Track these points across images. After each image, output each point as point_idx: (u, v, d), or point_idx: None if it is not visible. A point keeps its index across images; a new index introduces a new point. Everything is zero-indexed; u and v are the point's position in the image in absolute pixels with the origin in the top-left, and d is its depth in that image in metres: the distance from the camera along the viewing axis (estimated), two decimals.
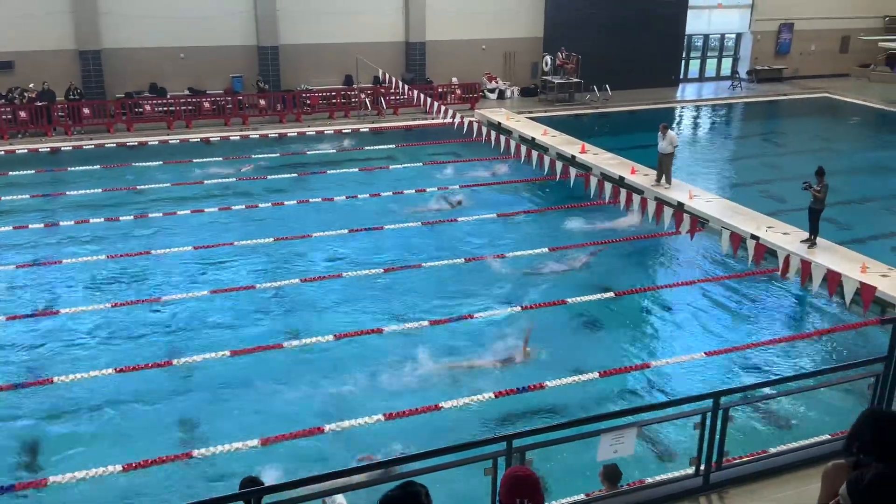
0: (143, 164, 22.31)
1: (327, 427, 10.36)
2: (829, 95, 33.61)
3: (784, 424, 10.65)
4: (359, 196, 19.81)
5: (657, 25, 32.62)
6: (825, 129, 29.09)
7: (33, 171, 21.60)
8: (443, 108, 23.79)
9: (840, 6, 36.64)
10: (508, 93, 31.49)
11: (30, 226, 17.62)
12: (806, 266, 13.13)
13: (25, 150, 23.43)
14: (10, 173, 21.37)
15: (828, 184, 15.60)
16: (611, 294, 14.44)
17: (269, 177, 21.47)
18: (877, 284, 13.31)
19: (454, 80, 29.94)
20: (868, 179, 21.88)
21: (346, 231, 17.35)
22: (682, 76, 35.40)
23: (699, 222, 15.91)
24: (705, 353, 12.33)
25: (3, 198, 19.48)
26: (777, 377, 9.78)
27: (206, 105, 26.40)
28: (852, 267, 14.60)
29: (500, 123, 26.42)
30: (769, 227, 16.96)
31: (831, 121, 30.90)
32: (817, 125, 29.83)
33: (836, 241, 16.42)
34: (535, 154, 19.64)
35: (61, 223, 17.79)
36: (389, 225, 17.78)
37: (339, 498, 6.77)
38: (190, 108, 26.31)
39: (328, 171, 22.07)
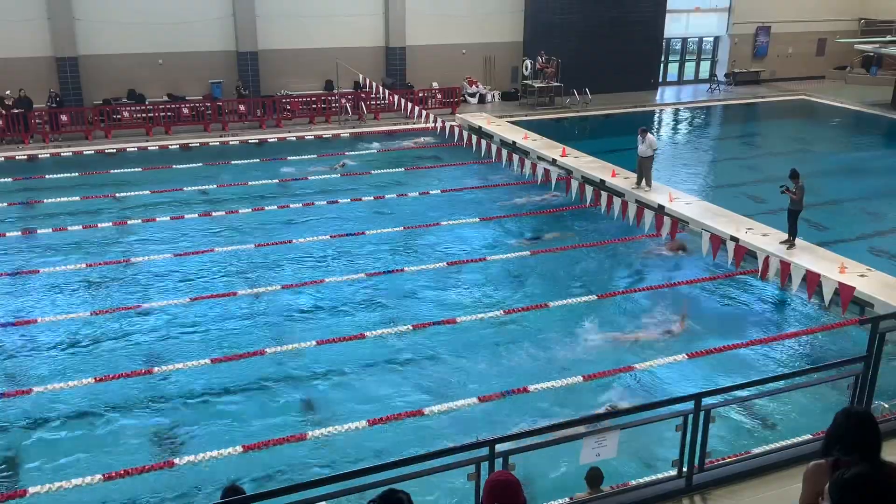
0: (122, 170, 22.11)
1: (310, 433, 10.31)
2: (807, 97, 33.93)
3: (765, 425, 10.71)
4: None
5: (636, 29, 32.80)
6: (803, 131, 29.35)
7: (10, 179, 21.38)
8: (424, 112, 23.79)
9: (816, 9, 37.03)
10: (489, 97, 31.56)
11: (7, 234, 17.43)
12: (785, 267, 13.24)
13: (2, 158, 23.16)
14: None
15: (803, 185, 15.72)
16: (593, 297, 14.49)
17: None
18: (855, 285, 13.46)
19: (435, 84, 29.95)
20: (846, 180, 22.05)
21: (328, 236, 17.40)
22: (661, 79, 35.57)
23: (679, 225, 16.00)
24: (687, 355, 12.39)
25: None
26: (758, 378, 9.82)
27: (186, 111, 26.28)
28: (831, 267, 14.73)
29: (480, 127, 26.45)
30: (748, 229, 17.07)
31: (809, 122, 31.18)
32: (795, 127, 30.10)
33: (815, 241, 16.56)
34: (516, 158, 19.68)
35: (39, 231, 17.60)
36: (370, 230, 17.78)
37: None
38: (169, 114, 26.19)
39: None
